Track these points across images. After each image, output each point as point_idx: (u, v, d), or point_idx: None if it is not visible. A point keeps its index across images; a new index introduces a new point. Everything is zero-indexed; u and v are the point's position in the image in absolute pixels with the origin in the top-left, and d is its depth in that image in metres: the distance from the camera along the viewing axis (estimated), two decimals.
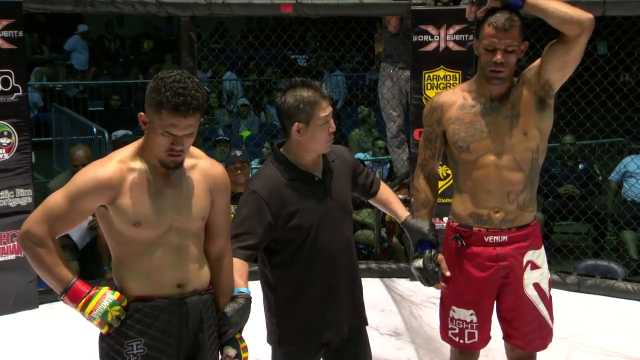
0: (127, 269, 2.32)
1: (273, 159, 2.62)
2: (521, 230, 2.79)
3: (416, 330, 4.34)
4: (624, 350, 4.01)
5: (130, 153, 2.31)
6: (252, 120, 9.54)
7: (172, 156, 2.24)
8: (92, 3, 4.85)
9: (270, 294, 2.65)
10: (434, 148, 2.89)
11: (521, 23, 2.67)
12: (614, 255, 5.77)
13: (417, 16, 5.03)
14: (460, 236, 2.82)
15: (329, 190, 2.60)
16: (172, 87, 2.16)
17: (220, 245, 2.45)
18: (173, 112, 2.16)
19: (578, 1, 4.75)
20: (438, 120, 2.84)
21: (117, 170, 2.26)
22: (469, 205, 2.80)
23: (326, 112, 2.52)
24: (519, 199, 2.76)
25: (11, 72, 4.54)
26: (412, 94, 5.13)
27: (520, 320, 2.81)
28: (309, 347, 2.63)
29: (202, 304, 2.37)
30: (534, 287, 2.80)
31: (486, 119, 2.74)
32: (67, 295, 2.27)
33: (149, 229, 2.27)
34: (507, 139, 2.73)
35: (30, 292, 4.65)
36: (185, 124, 2.19)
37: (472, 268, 2.81)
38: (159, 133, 2.21)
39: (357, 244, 6.00)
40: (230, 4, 5.05)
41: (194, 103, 2.17)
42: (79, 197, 2.25)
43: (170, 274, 2.31)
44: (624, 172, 6.37)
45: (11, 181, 4.58)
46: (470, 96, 2.79)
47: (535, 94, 2.73)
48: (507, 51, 2.64)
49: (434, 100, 2.89)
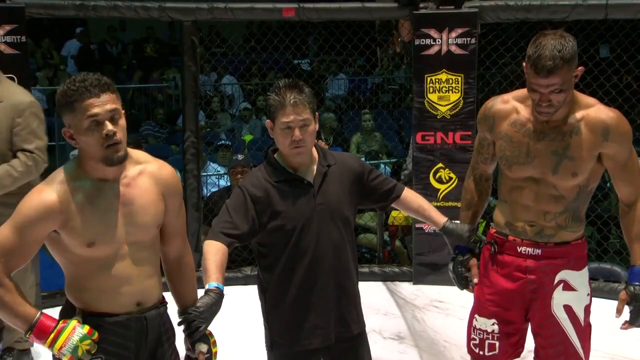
0: (82, 288, 2.25)
1: (265, 161, 2.67)
2: (559, 247, 2.64)
3: (419, 334, 4.34)
4: (628, 353, 4.00)
5: (69, 173, 2.21)
6: (255, 124, 9.56)
7: (110, 147, 2.14)
8: (94, 8, 4.86)
9: (262, 296, 2.69)
10: (486, 153, 2.78)
11: (570, 56, 2.41)
12: (617, 259, 5.77)
13: (419, 20, 5.03)
14: (495, 242, 2.73)
15: (318, 194, 2.60)
16: (71, 82, 2.15)
17: (178, 245, 2.43)
18: (83, 96, 2.11)
19: (580, 5, 4.79)
20: (490, 130, 2.70)
21: (61, 191, 2.17)
22: (506, 214, 2.71)
23: (288, 119, 2.52)
24: (557, 219, 2.63)
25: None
26: (414, 97, 5.13)
27: (544, 339, 2.69)
28: (298, 352, 2.63)
29: (159, 318, 2.34)
30: (565, 308, 2.67)
31: (534, 145, 2.58)
32: (32, 333, 2.18)
33: (103, 247, 2.20)
34: (551, 173, 2.58)
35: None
36: (101, 100, 2.12)
37: (499, 277, 2.71)
38: (84, 129, 2.13)
39: (360, 248, 6.01)
40: (232, 9, 5.06)
41: (100, 81, 2.14)
42: (28, 227, 2.15)
43: (128, 290, 2.25)
44: None
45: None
46: (524, 110, 2.61)
47: (595, 155, 2.57)
48: (553, 92, 2.44)
49: (488, 107, 2.71)
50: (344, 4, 5.24)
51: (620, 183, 2.62)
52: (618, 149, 2.55)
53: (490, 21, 5.07)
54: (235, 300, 3.79)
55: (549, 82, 2.41)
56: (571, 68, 2.44)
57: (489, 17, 4.98)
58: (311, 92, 2.60)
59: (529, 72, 2.46)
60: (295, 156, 2.58)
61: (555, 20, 4.98)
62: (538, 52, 2.41)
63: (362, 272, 5.09)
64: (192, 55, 5.11)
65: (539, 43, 2.43)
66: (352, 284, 2.72)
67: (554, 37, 2.43)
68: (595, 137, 2.54)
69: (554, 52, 2.39)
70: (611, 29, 5.37)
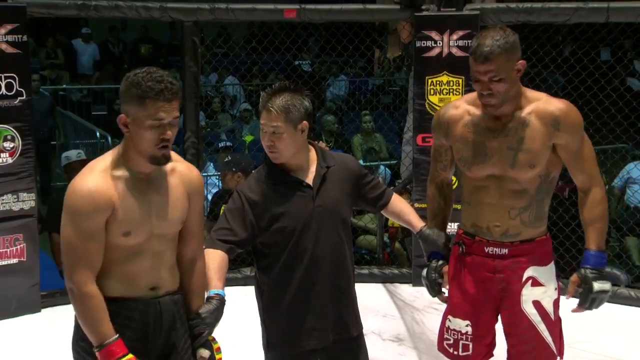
0: (102, 274, 2.29)
1: (263, 163, 2.68)
2: (524, 245, 2.70)
3: (418, 336, 4.34)
4: (627, 357, 4.00)
5: (110, 162, 2.28)
6: (255, 125, 9.55)
7: (163, 148, 2.24)
8: (96, 8, 4.86)
9: (259, 297, 2.70)
10: (445, 160, 2.83)
11: (508, 46, 2.52)
12: (617, 262, 5.76)
13: (420, 22, 5.03)
14: (463, 243, 2.78)
15: (317, 195, 2.61)
16: (150, 78, 2.21)
17: (193, 247, 2.46)
18: (158, 98, 2.19)
19: (581, 8, 4.79)
20: (445, 136, 2.76)
21: (104, 180, 2.24)
22: (471, 216, 2.76)
23: (262, 122, 2.56)
24: (522, 216, 2.67)
25: (15, 76, 4.55)
26: (415, 99, 5.13)
27: (515, 337, 2.73)
28: (295, 353, 2.64)
29: (174, 304, 2.39)
30: (534, 304, 2.69)
31: (489, 143, 2.65)
32: (99, 352, 2.24)
33: (136, 237, 2.28)
34: (509, 168, 2.64)
35: (32, 296, 4.65)
36: (171, 107, 2.22)
37: (470, 278, 2.76)
38: (146, 126, 2.21)
39: (359, 249, 6.00)
40: (233, 9, 5.06)
41: (174, 88, 2.23)
42: (89, 220, 2.21)
43: (146, 278, 2.33)
44: (627, 178, 6.36)
45: (15, 185, 4.58)
46: (475, 111, 2.69)
47: (549, 146, 2.64)
48: (493, 80, 2.52)
49: (441, 114, 2.79)
50: (346, 5, 5.24)
51: (575, 171, 2.69)
52: (569, 138, 2.62)
53: (491, 24, 5.06)
54: (234, 301, 3.79)
55: (486, 68, 2.50)
56: (510, 58, 2.53)
57: (490, 20, 4.97)
58: (303, 100, 2.57)
59: (471, 62, 2.56)
60: (272, 158, 2.60)
61: (556, 23, 4.98)
62: (478, 41, 2.54)
63: (362, 274, 5.09)
64: (193, 56, 5.11)
65: (480, 35, 2.56)
66: (350, 285, 2.73)
67: (495, 29, 2.57)
68: (546, 128, 2.60)
69: (492, 40, 2.51)
70: (612, 32, 5.36)
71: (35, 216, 4.68)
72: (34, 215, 4.67)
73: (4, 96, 4.51)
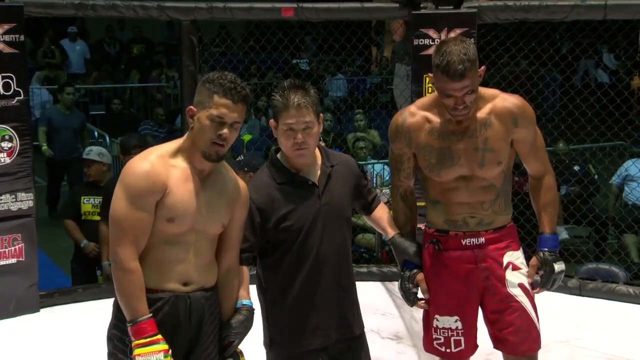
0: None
1: (268, 162, 2.68)
2: (497, 232, 2.77)
3: (417, 334, 4.32)
4: (626, 354, 3.99)
5: (169, 150, 2.38)
6: (253, 124, 9.55)
7: (216, 145, 2.31)
8: (93, 7, 4.85)
9: (261, 295, 2.69)
10: (408, 169, 2.82)
11: (474, 57, 2.56)
12: (615, 259, 5.77)
13: (418, 20, 5.03)
14: (437, 241, 2.79)
15: (323, 194, 2.61)
16: (225, 78, 2.34)
17: (230, 257, 2.50)
18: (225, 95, 2.31)
19: (578, 5, 4.79)
20: (408, 145, 2.76)
21: (161, 164, 2.32)
22: (443, 213, 2.78)
23: (291, 120, 2.52)
24: (493, 207, 2.75)
25: (13, 76, 4.54)
26: (413, 97, 5.13)
27: (505, 322, 2.76)
28: (297, 352, 2.64)
29: (205, 300, 2.41)
30: (520, 287, 2.76)
31: (456, 146, 2.69)
32: (131, 327, 2.29)
33: (177, 226, 2.33)
34: (477, 167, 2.70)
35: (31, 296, 4.65)
36: (235, 108, 2.32)
37: (451, 273, 2.77)
38: (206, 120, 2.31)
39: (358, 248, 6.01)
40: (231, 8, 5.05)
41: (243, 92, 2.34)
42: (140, 198, 2.28)
43: (178, 271, 2.36)
44: (625, 175, 6.37)
45: (12, 185, 4.57)
46: (434, 117, 2.71)
47: (509, 142, 2.73)
48: (466, 94, 2.57)
49: (399, 123, 2.77)
50: (343, 4, 5.24)
51: (530, 161, 2.80)
52: (526, 132, 2.72)
53: (489, 21, 5.06)
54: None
55: (462, 85, 2.54)
56: (477, 68, 2.59)
57: (488, 18, 4.97)
58: (316, 94, 2.60)
59: (441, 80, 2.57)
60: (297, 158, 2.58)
61: (554, 20, 4.98)
62: (446, 58, 2.54)
63: (361, 272, 5.09)
64: (191, 55, 5.11)
65: (444, 51, 2.55)
66: (352, 284, 2.73)
67: (456, 42, 2.58)
68: (506, 125, 2.70)
69: (461, 56, 2.53)
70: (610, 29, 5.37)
71: (34, 216, 4.68)
72: (32, 215, 4.66)
73: (1, 96, 4.50)
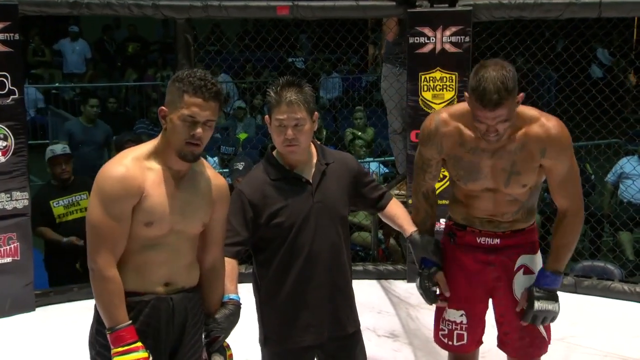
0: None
1: (263, 160, 2.69)
2: (515, 234, 2.76)
3: (413, 332, 4.34)
4: (621, 351, 4.01)
5: (144, 153, 2.34)
6: (249, 122, 9.55)
7: (191, 145, 2.28)
8: (88, 5, 4.84)
9: (256, 292, 2.71)
10: (435, 171, 2.82)
11: (512, 86, 2.45)
12: (610, 257, 5.78)
13: (413, 18, 5.03)
14: (453, 234, 2.81)
15: (316, 191, 2.61)
16: (194, 75, 2.29)
17: (214, 254, 2.49)
18: (195, 94, 2.26)
19: (573, 3, 4.80)
20: (439, 152, 2.74)
21: (137, 168, 2.29)
22: (464, 211, 2.79)
23: (282, 116, 2.53)
24: (515, 216, 2.75)
25: (7, 75, 4.53)
26: (409, 95, 5.13)
27: (509, 325, 2.77)
28: (291, 349, 2.64)
29: (187, 301, 2.40)
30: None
31: (484, 163, 2.66)
32: (110, 335, 2.27)
33: (156, 229, 2.31)
34: (503, 186, 2.69)
35: (26, 295, 4.64)
36: (206, 107, 2.28)
37: (462, 269, 2.79)
38: (179, 120, 2.27)
39: (354, 246, 6.00)
40: (226, 6, 5.04)
41: (214, 89, 2.29)
42: (116, 204, 2.24)
43: (160, 273, 2.35)
44: (620, 173, 6.39)
45: (7, 184, 4.56)
46: (467, 131, 2.66)
47: (537, 167, 2.68)
48: (499, 122, 2.49)
49: (432, 130, 2.72)
50: (338, 2, 5.23)
51: (555, 194, 2.71)
52: (554, 163, 2.64)
53: (484, 19, 5.07)
54: None
55: (495, 114, 2.46)
56: (514, 97, 2.48)
57: (483, 16, 4.97)
58: (311, 92, 2.60)
59: (474, 105, 2.49)
60: (288, 154, 2.59)
61: (548, 18, 4.98)
62: (482, 85, 2.43)
63: (356, 271, 5.09)
64: (186, 53, 5.10)
65: (481, 76, 2.45)
66: (347, 282, 2.73)
67: (495, 68, 2.46)
68: (534, 153, 2.63)
69: (498, 84, 2.42)
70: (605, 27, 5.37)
71: (29, 215, 4.67)
72: (28, 214, 4.65)
73: None
